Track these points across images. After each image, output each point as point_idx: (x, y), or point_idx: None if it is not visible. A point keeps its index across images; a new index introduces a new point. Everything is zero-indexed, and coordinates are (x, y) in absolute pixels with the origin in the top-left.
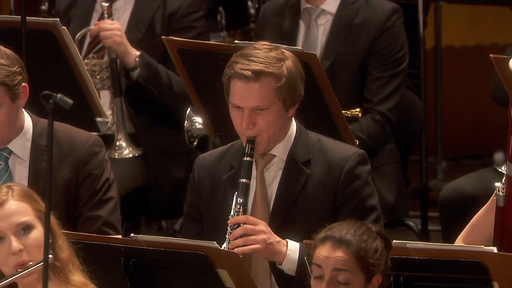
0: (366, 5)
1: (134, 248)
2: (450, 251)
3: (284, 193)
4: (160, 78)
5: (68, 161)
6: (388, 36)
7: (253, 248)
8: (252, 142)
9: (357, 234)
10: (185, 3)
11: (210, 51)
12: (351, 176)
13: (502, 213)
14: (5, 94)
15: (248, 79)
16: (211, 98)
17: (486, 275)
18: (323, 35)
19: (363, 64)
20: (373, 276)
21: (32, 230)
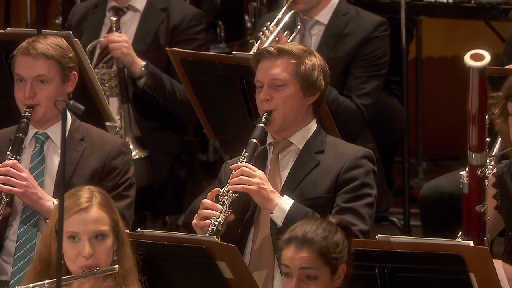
0: (356, 17)
1: (141, 242)
2: (430, 244)
3: (295, 174)
4: (164, 87)
5: (97, 153)
6: (373, 44)
7: (246, 188)
8: (269, 114)
9: (318, 232)
10: (187, 17)
11: (210, 61)
12: (355, 164)
13: (467, 200)
14: (57, 72)
15: (271, 54)
16: (211, 104)
17: (463, 266)
18: (315, 43)
19: (347, 67)
20: (338, 267)
21: (106, 239)
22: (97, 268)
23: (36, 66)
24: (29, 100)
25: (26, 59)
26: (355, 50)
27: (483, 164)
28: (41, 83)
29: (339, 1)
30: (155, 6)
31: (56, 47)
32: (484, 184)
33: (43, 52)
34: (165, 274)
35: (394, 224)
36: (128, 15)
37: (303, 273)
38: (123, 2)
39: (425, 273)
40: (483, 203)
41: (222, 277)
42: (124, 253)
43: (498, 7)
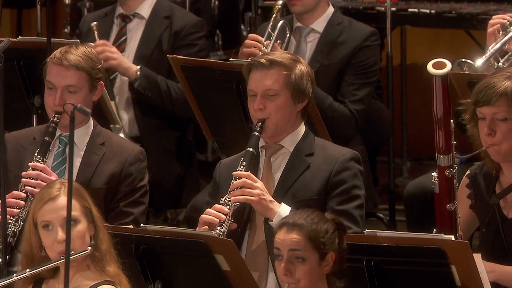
0: (349, 27)
1: (143, 237)
2: (414, 239)
3: (287, 177)
4: (158, 87)
5: (116, 158)
6: (364, 52)
7: (247, 199)
8: (262, 122)
9: (309, 218)
10: (188, 24)
11: (208, 67)
12: (343, 167)
13: (439, 199)
14: (86, 82)
15: (263, 66)
16: (209, 107)
17: (445, 259)
18: (310, 50)
19: (341, 74)
20: (327, 254)
21: (77, 224)
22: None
23: (67, 76)
24: (59, 107)
25: (58, 69)
26: (348, 57)
27: (451, 165)
28: (71, 92)
29: (334, 12)
30: (160, 14)
31: (87, 59)
32: (453, 183)
33: (75, 63)
34: (166, 266)
35: (380, 219)
36: (134, 22)
37: (292, 255)
38: (130, 10)
39: (409, 265)
40: (453, 201)
41: (220, 269)
42: (99, 237)
43: (477, 17)
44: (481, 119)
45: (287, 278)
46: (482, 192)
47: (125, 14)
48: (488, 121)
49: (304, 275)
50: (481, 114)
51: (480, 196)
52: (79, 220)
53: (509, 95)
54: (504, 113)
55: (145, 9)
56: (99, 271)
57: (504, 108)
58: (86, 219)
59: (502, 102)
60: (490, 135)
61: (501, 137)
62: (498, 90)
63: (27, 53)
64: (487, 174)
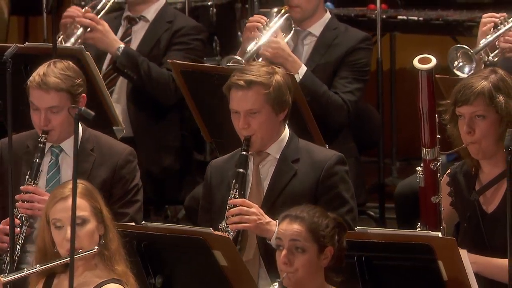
0: (345, 32)
1: (145, 234)
2: (403, 235)
3: (275, 184)
4: (138, 66)
5: (107, 164)
6: (358, 53)
7: (245, 226)
8: (248, 140)
9: (311, 212)
10: (188, 25)
11: (207, 72)
12: (330, 172)
13: (424, 192)
14: (67, 100)
15: (241, 87)
16: (208, 110)
17: (433, 255)
18: (307, 52)
19: (335, 73)
20: (326, 247)
21: (86, 224)
22: (80, 250)
23: (48, 99)
24: (44, 127)
25: (39, 93)
26: (342, 57)
27: (435, 159)
28: (54, 112)
29: (331, 18)
30: (164, 18)
31: (65, 78)
32: (437, 176)
33: (54, 87)
34: (167, 262)
35: (371, 217)
36: (139, 24)
37: (293, 245)
38: (136, 13)
39: (399, 261)
40: (437, 194)
41: (218, 265)
42: (109, 237)
43: (463, 24)
44: (461, 119)
45: (286, 267)
46: (462, 189)
47: (132, 17)
48: (467, 119)
49: (302, 265)
50: (461, 113)
51: (460, 193)
52: (88, 220)
53: (486, 94)
54: (482, 112)
55: (150, 12)
56: (108, 270)
57: (482, 107)
58: (95, 219)
59: (479, 101)
60: (470, 133)
61: (480, 135)
62: (476, 89)
63: (33, 58)
64: (466, 173)
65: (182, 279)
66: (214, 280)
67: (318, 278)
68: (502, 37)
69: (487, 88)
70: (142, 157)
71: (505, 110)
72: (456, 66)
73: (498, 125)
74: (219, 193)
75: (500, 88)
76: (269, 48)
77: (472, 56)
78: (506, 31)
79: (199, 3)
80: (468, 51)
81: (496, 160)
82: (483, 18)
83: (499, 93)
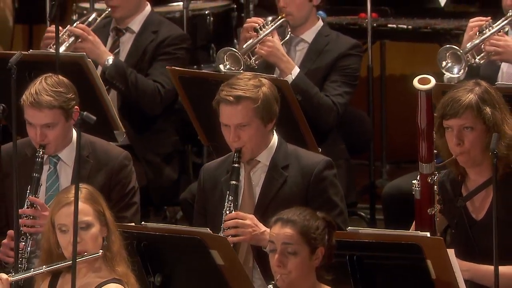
0: (336, 39)
1: (144, 234)
2: (393, 235)
3: (266, 191)
4: (126, 77)
5: (103, 170)
6: (348, 59)
7: (240, 239)
8: (239, 152)
9: (301, 215)
10: (172, 35)
11: (204, 78)
12: (319, 178)
13: (419, 204)
14: (61, 115)
15: (231, 103)
16: (205, 115)
17: (421, 254)
18: (299, 58)
19: (325, 78)
20: (317, 248)
21: (90, 228)
22: (85, 253)
23: (42, 117)
24: (41, 141)
25: (32, 111)
26: (333, 62)
27: (432, 173)
28: (49, 127)
29: (323, 25)
30: (149, 28)
31: (58, 94)
32: (433, 189)
33: (46, 105)
34: (166, 261)
35: (362, 217)
36: (126, 36)
37: (285, 248)
38: (123, 25)
39: (388, 260)
40: (433, 206)
41: (215, 264)
42: (111, 239)
43: (451, 32)
44: (448, 130)
45: (280, 269)
46: (449, 196)
47: (119, 28)
48: (456, 132)
49: (295, 267)
50: (449, 125)
51: (448, 200)
52: (92, 224)
53: (474, 107)
54: (471, 123)
55: (136, 24)
56: (109, 270)
57: (471, 119)
58: (99, 223)
59: (468, 114)
60: (459, 144)
61: (469, 145)
62: (464, 103)
63: (37, 65)
64: (453, 181)
65: (180, 278)
66: (211, 278)
67: (310, 277)
68: (488, 40)
69: (474, 100)
70: (141, 164)
71: (492, 121)
72: (445, 66)
73: (485, 135)
74: (213, 199)
75: (485, 100)
76: (264, 46)
77: (462, 56)
78: (491, 35)
79: (196, 12)
80: (458, 51)
81: (482, 168)
82: (470, 23)
83: (485, 105)
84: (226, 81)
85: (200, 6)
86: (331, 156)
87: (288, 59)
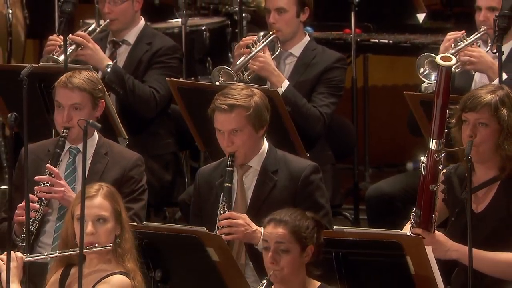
0: (322, 52)
1: (146, 232)
2: (375, 234)
3: (258, 193)
4: (124, 82)
5: (118, 165)
6: (333, 71)
7: (234, 237)
8: (233, 156)
9: (293, 216)
10: (165, 46)
11: (200, 88)
12: (306, 181)
13: (424, 180)
14: (88, 101)
15: (225, 110)
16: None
17: (401, 251)
18: (288, 71)
19: (313, 89)
20: (307, 246)
21: (106, 223)
22: (97, 245)
23: (72, 96)
24: (66, 123)
25: (64, 91)
26: (319, 75)
27: (440, 150)
28: (76, 109)
29: (310, 40)
30: (143, 40)
31: (88, 81)
32: (438, 167)
33: (78, 85)
34: (165, 257)
35: (346, 218)
36: (122, 47)
37: (278, 246)
38: (119, 37)
39: (371, 256)
40: (436, 183)
41: (210, 260)
42: (124, 237)
43: (428, 46)
44: (465, 123)
45: (273, 265)
46: (454, 188)
47: (116, 41)
48: (471, 125)
49: (287, 264)
50: (466, 118)
51: (452, 192)
52: (108, 220)
53: (492, 106)
54: (486, 120)
55: (131, 36)
56: (119, 265)
57: (486, 115)
58: (114, 220)
59: (485, 110)
60: (471, 137)
61: (480, 140)
62: (483, 100)
63: (47, 77)
64: (460, 174)
65: (179, 273)
66: (207, 273)
67: (301, 273)
68: (462, 51)
69: (493, 100)
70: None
71: (506, 122)
72: (423, 72)
73: (498, 135)
74: (208, 200)
75: (505, 103)
76: (256, 62)
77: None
78: (465, 46)
79: (194, 28)
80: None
81: (489, 165)
82: (447, 36)
83: (504, 107)
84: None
85: (197, 23)
86: (318, 161)
87: (278, 73)
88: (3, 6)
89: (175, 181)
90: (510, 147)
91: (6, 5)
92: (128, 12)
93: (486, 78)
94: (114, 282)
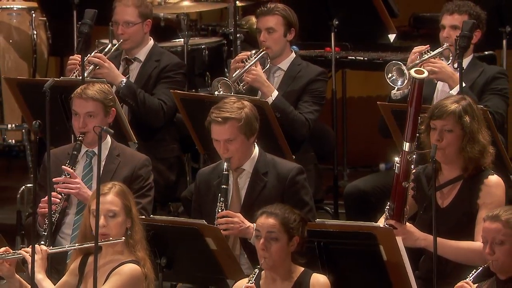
0: (306, 67)
1: (153, 224)
2: (353, 225)
3: (250, 193)
4: (136, 96)
5: (128, 165)
6: (316, 84)
7: (230, 232)
8: (228, 161)
9: (282, 210)
10: (172, 63)
11: (200, 99)
12: (292, 182)
13: (397, 178)
14: (101, 109)
15: (219, 123)
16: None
17: (375, 241)
18: (277, 83)
19: (298, 98)
20: (293, 237)
21: (117, 217)
22: (110, 237)
23: (86, 106)
24: (82, 129)
25: (79, 101)
26: (304, 86)
27: (412, 152)
28: (90, 117)
29: (296, 57)
30: (152, 58)
31: (101, 92)
32: (410, 166)
33: (91, 96)
34: (169, 246)
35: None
36: (134, 64)
37: (269, 235)
38: (131, 55)
39: (349, 245)
40: (407, 180)
41: (209, 249)
42: (135, 229)
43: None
44: (433, 130)
45: (264, 252)
46: (423, 186)
47: (128, 58)
48: (438, 131)
49: (276, 251)
50: (434, 125)
51: (421, 189)
52: (118, 214)
53: (457, 114)
54: (451, 126)
55: (142, 54)
56: (130, 254)
57: (451, 122)
58: (124, 214)
59: (450, 118)
60: (438, 141)
61: (446, 144)
62: (449, 109)
63: (67, 89)
64: (428, 174)
65: (181, 260)
66: (206, 260)
67: (287, 260)
68: (426, 62)
69: (458, 109)
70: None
71: (469, 128)
72: (390, 78)
73: (461, 139)
74: (207, 198)
75: (467, 111)
76: (250, 74)
77: (405, 71)
78: (429, 58)
79: (194, 46)
80: (402, 67)
81: (454, 166)
82: (413, 49)
83: (467, 115)
84: (218, 102)
85: (198, 42)
86: (303, 161)
87: (269, 84)
88: (29, 28)
89: (178, 180)
90: (472, 150)
91: (31, 27)
92: (139, 33)
93: (447, 86)
94: (126, 270)
